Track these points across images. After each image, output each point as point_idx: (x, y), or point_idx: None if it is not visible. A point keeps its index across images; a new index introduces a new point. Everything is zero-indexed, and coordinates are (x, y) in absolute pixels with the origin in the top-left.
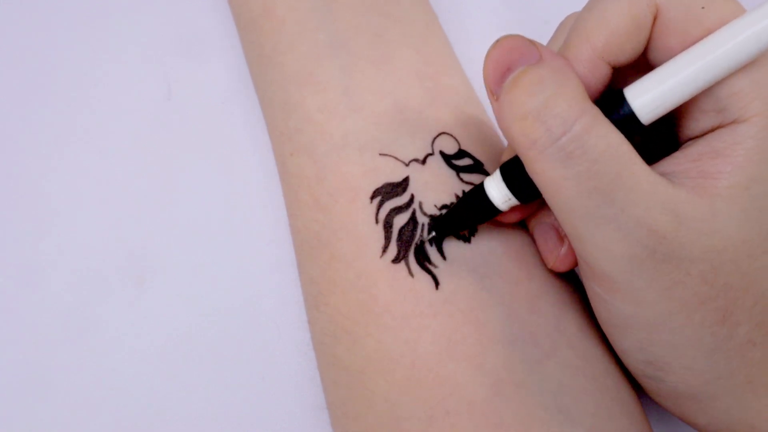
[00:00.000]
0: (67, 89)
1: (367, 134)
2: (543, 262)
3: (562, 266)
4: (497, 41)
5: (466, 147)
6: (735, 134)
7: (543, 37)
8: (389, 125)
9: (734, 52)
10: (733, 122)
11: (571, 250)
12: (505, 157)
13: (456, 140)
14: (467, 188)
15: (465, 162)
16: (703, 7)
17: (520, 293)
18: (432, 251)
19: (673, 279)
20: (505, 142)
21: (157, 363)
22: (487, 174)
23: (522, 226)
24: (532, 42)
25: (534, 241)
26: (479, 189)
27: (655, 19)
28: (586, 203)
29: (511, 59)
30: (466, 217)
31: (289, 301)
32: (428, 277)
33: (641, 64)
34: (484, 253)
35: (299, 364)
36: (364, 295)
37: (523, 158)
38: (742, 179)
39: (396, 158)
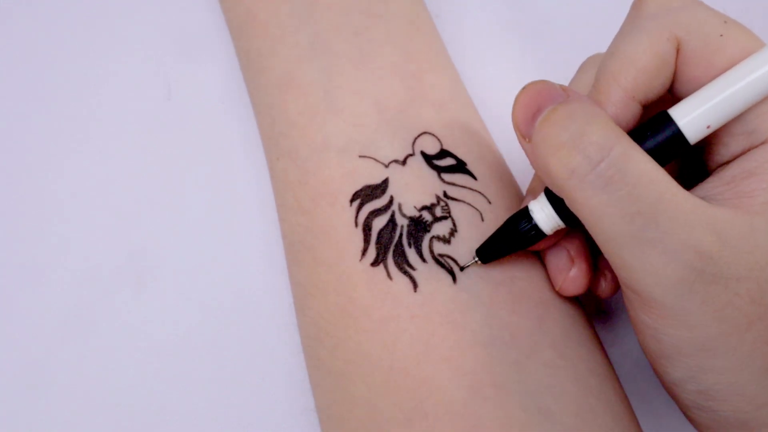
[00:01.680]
0: (67, 89)
1: (346, 136)
2: (526, 264)
3: (570, 288)
4: (524, 87)
5: (449, 146)
6: (765, 153)
7: (543, 37)
8: (369, 126)
9: None
10: (763, 143)
11: (581, 274)
12: (534, 186)
13: (438, 140)
14: (448, 189)
15: (447, 162)
16: (721, 35)
17: (500, 295)
18: (411, 253)
19: (723, 300)
20: (494, 138)
21: (157, 363)
22: (470, 173)
23: None
24: (557, 84)
25: (544, 264)
26: (523, 213)
27: (677, 52)
28: (630, 228)
29: (539, 101)
30: (509, 241)
31: (288, 302)
32: (406, 280)
33: (667, 100)
34: (465, 255)
35: (298, 365)
36: (344, 298)
37: (562, 190)
38: None
39: (375, 160)
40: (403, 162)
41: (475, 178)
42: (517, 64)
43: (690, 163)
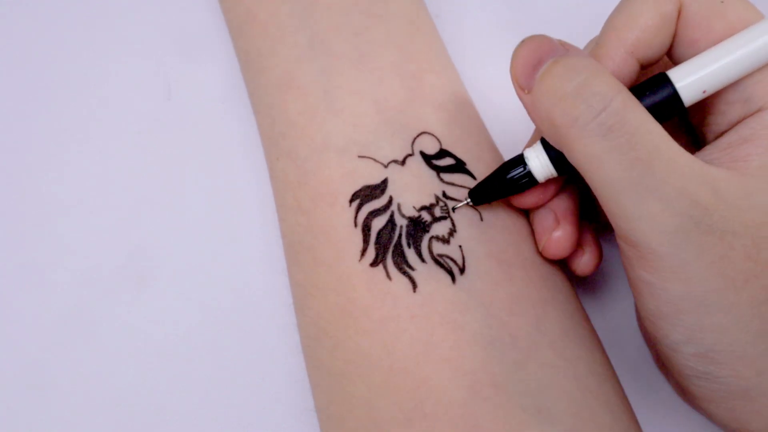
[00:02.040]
0: (67, 89)
1: (346, 136)
2: (525, 264)
3: (552, 249)
4: (522, 41)
5: (448, 146)
6: (761, 120)
7: None
8: (368, 126)
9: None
10: (759, 110)
11: (564, 236)
12: (532, 142)
13: (437, 140)
14: (448, 189)
15: (446, 162)
16: (722, 2)
17: (499, 295)
18: (410, 253)
19: (719, 253)
20: (494, 138)
21: (157, 362)
22: (469, 173)
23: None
24: (556, 39)
25: (531, 225)
26: (518, 159)
27: (679, 15)
28: (629, 174)
29: (540, 54)
30: (502, 186)
31: (287, 302)
32: (406, 280)
33: (663, 67)
34: (464, 255)
35: (298, 365)
36: (344, 298)
37: (564, 139)
38: None
39: (375, 160)
40: (403, 162)
41: (474, 177)
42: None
43: (687, 135)
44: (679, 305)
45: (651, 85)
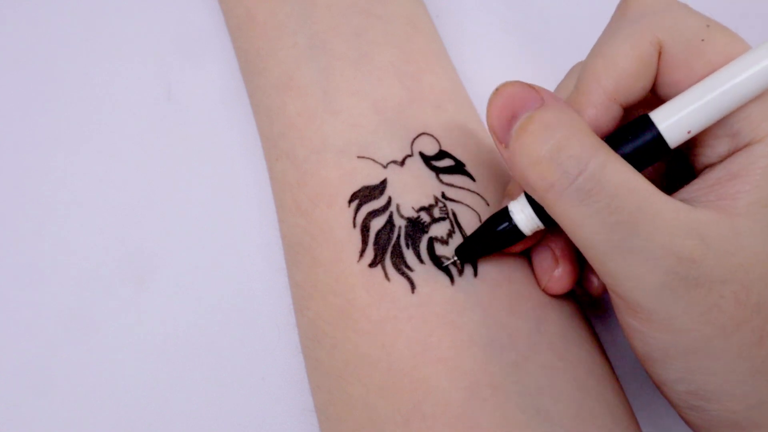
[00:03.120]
0: (67, 90)
1: (345, 137)
2: (524, 265)
3: (555, 287)
4: (496, 89)
5: (447, 147)
6: (750, 156)
7: (543, 37)
8: (367, 127)
9: (754, 80)
10: (747, 145)
11: (565, 274)
12: (512, 189)
13: (437, 140)
14: (447, 190)
15: (445, 163)
16: (702, 40)
17: (499, 296)
18: (409, 254)
19: (708, 304)
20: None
21: (156, 362)
22: (468, 175)
23: None
24: (531, 86)
25: (531, 264)
26: (503, 213)
27: (659, 55)
28: (611, 238)
29: (514, 106)
30: (489, 242)
31: (287, 302)
32: (404, 281)
33: (649, 102)
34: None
35: (298, 365)
36: (342, 299)
37: (542, 201)
38: (760, 197)
39: (374, 160)
40: (402, 163)
41: (473, 179)
42: (516, 64)
43: (677, 165)
44: (668, 352)
45: (633, 129)
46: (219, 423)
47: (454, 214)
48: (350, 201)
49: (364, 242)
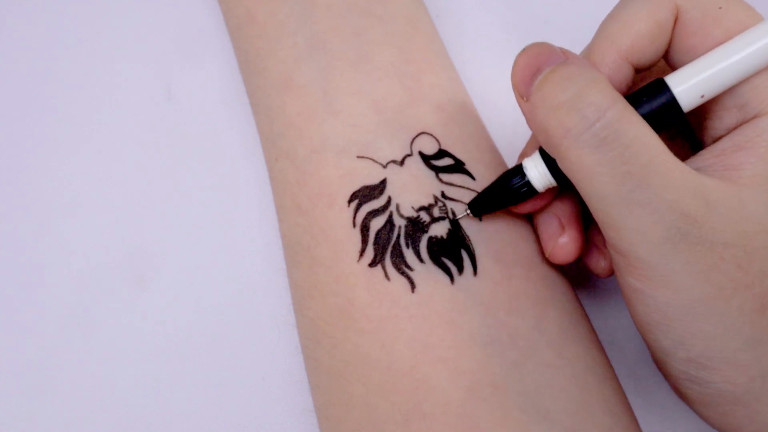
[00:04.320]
0: (67, 90)
1: (344, 137)
2: (524, 264)
3: (560, 255)
4: (524, 49)
5: (447, 146)
6: (756, 128)
7: (543, 37)
8: (367, 127)
9: (766, 49)
10: (754, 117)
11: (570, 241)
12: (528, 150)
13: (436, 140)
14: (446, 189)
15: (445, 162)
16: (720, 8)
17: (498, 294)
18: (409, 254)
19: (708, 262)
20: (493, 138)
21: (156, 362)
22: (468, 174)
23: (506, 226)
24: (557, 47)
25: (535, 230)
26: (517, 169)
27: (675, 20)
28: (620, 188)
29: (539, 62)
30: (501, 197)
31: (288, 302)
32: (404, 280)
33: (660, 70)
34: (462, 255)
35: (298, 365)
36: (342, 299)
37: (557, 149)
38: (765, 168)
39: (373, 160)
40: (401, 162)
41: (473, 178)
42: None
43: (685, 138)
44: (668, 313)
45: (648, 92)
46: (219, 423)
47: (453, 214)
48: (350, 201)
49: (364, 242)
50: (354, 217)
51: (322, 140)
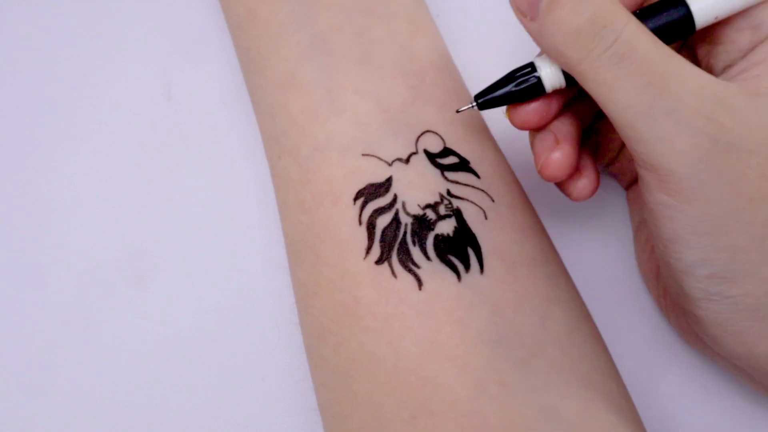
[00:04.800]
0: (67, 90)
1: (349, 135)
2: (530, 263)
3: (550, 168)
4: None
5: (452, 145)
6: None
7: None
8: (371, 125)
9: None
10: None
11: (563, 156)
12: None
13: (441, 138)
14: (452, 187)
15: (450, 160)
16: None
17: (505, 292)
18: (415, 251)
19: (737, 172)
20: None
21: (157, 361)
22: (473, 172)
23: (512, 225)
24: None
25: (531, 147)
26: (528, 66)
27: None
28: (643, 98)
29: None
30: (509, 90)
31: (289, 302)
32: (411, 278)
33: None
34: (469, 253)
35: (299, 364)
36: (348, 296)
37: (575, 70)
38: None
39: (379, 158)
40: (407, 160)
41: (478, 176)
42: (517, 64)
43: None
44: (697, 227)
45: (665, 5)
46: (219, 423)
47: (459, 211)
48: (355, 198)
49: (370, 239)
50: (360, 215)
51: (326, 138)
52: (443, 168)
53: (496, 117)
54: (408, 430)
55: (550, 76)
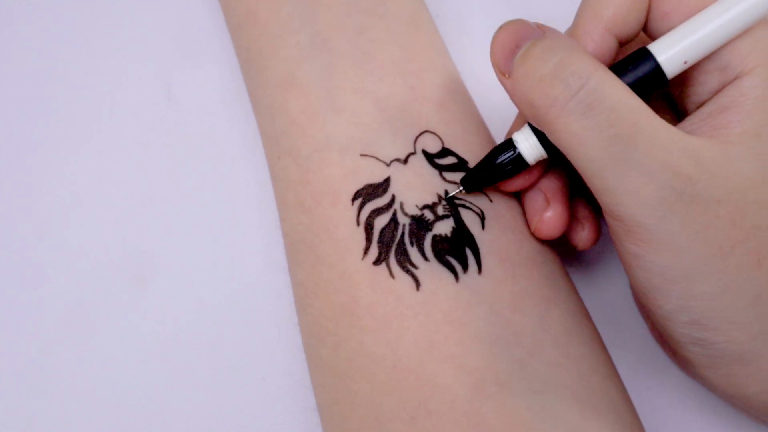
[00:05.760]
0: (67, 90)
1: (348, 135)
2: (528, 263)
3: (544, 229)
4: (500, 27)
5: (450, 145)
6: (740, 87)
7: None
8: (370, 125)
9: (745, 14)
10: (736, 78)
11: (555, 216)
12: (515, 126)
13: (439, 138)
14: (450, 187)
15: (448, 160)
16: None
17: (503, 292)
18: (413, 252)
19: (704, 222)
20: (495, 137)
21: (157, 362)
22: None
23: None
24: (532, 23)
25: (522, 207)
26: (507, 144)
27: None
28: (610, 150)
29: (517, 38)
30: (493, 171)
31: (288, 302)
32: (409, 278)
33: (639, 43)
34: (467, 254)
35: (299, 364)
36: (347, 297)
37: (544, 120)
38: (751, 126)
39: (377, 158)
40: (405, 161)
41: None
42: None
43: (669, 108)
44: (668, 276)
45: (633, 60)
46: (219, 423)
47: (457, 212)
48: (354, 199)
49: (368, 240)
50: (358, 216)
51: (325, 138)
52: (441, 168)
53: (496, 117)
54: (407, 430)
55: (529, 150)
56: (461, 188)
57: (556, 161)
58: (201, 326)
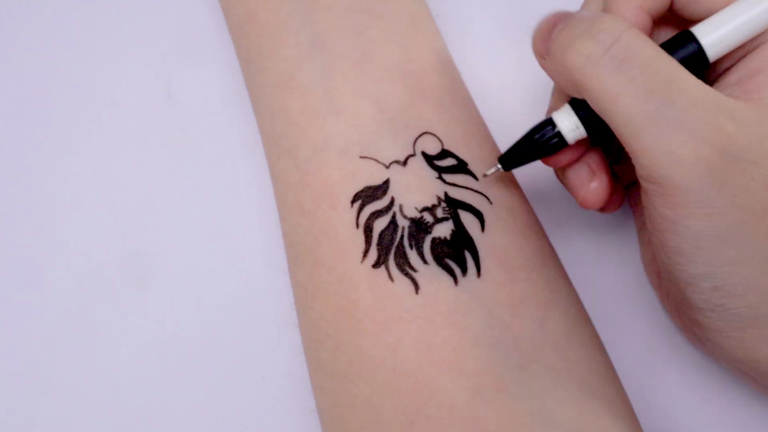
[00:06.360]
0: (67, 91)
1: (347, 137)
2: (527, 266)
3: (592, 199)
4: (540, 20)
5: (450, 146)
6: (766, 53)
7: None
8: (370, 126)
9: None
10: (761, 44)
11: (601, 185)
12: (554, 105)
13: (439, 140)
14: (449, 189)
15: (448, 162)
16: None
17: (502, 296)
18: (412, 255)
19: (741, 185)
20: (496, 138)
21: (157, 362)
22: (471, 174)
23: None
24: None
25: (563, 181)
26: (547, 122)
27: None
28: (647, 106)
29: (554, 21)
30: (532, 149)
31: (288, 302)
32: (408, 281)
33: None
34: (466, 257)
35: (299, 365)
36: (346, 300)
37: (578, 81)
38: None
39: (376, 160)
40: (404, 163)
41: (476, 178)
42: (517, 64)
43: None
44: (700, 241)
45: (676, 42)
46: (219, 423)
47: (456, 214)
48: (353, 201)
49: (368, 243)
50: (357, 218)
51: (324, 140)
52: (441, 170)
53: (496, 118)
54: None
55: (569, 129)
56: (498, 166)
57: (598, 139)
58: (201, 326)
